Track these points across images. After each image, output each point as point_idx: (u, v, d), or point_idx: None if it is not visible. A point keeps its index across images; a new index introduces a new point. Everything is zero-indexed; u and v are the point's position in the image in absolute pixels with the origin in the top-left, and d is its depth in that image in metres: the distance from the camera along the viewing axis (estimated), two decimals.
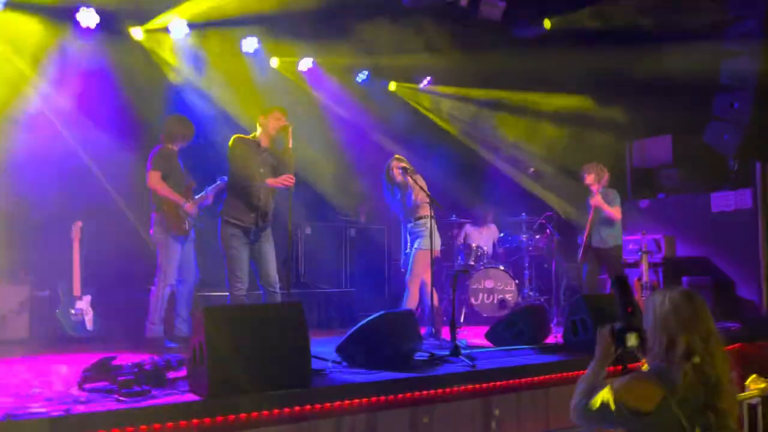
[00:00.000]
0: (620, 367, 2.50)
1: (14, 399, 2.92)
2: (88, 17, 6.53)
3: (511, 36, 8.09)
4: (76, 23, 6.52)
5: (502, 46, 7.86)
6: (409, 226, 5.50)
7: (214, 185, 5.20)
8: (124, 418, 2.65)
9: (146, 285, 6.56)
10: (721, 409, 2.14)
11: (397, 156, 5.59)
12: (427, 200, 5.11)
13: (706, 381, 2.14)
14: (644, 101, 7.95)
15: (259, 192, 4.66)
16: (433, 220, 5.15)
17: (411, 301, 5.33)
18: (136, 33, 6.94)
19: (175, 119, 5.31)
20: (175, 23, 6.96)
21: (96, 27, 6.60)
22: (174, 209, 5.00)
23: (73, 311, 5.49)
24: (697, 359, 2.15)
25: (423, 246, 5.26)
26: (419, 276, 5.30)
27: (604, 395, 2.24)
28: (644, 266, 6.83)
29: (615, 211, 6.36)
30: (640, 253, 6.90)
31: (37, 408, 2.65)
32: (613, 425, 2.31)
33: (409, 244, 5.51)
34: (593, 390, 2.40)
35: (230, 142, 4.75)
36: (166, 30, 7.04)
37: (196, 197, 5.21)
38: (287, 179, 4.58)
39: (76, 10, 6.49)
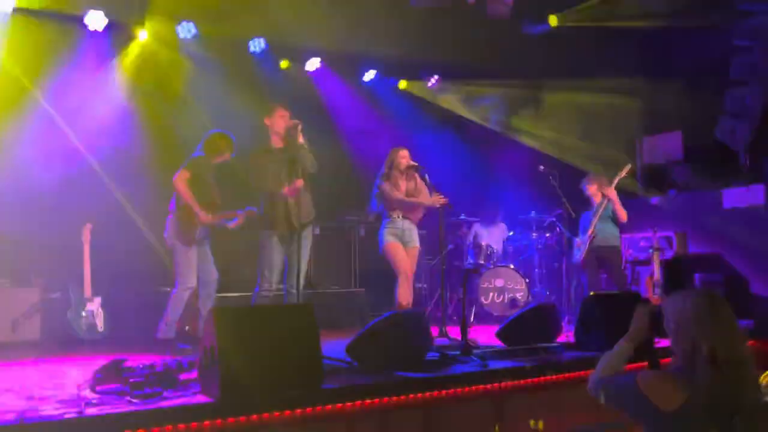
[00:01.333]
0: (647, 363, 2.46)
1: (27, 401, 2.92)
2: (96, 20, 6.56)
3: (520, 32, 8.07)
4: (84, 26, 6.56)
5: (511, 40, 7.83)
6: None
7: (243, 210, 5.11)
8: (136, 420, 2.65)
9: (157, 286, 6.61)
10: (749, 414, 2.06)
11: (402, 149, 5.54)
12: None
13: (732, 385, 2.08)
14: (655, 96, 7.90)
15: (286, 198, 4.68)
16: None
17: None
18: (142, 35, 6.97)
19: (219, 135, 5.21)
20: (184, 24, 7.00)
21: (104, 29, 6.65)
22: (188, 216, 4.95)
23: (84, 313, 5.51)
24: (721, 363, 2.10)
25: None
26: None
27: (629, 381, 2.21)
28: (656, 263, 6.79)
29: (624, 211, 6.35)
30: (651, 251, 6.86)
31: (49, 410, 2.65)
32: (628, 412, 2.28)
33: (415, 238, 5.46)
34: (615, 371, 2.37)
35: (249, 161, 4.84)
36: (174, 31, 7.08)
37: (224, 212, 5.14)
38: (296, 187, 4.63)
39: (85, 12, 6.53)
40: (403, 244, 5.35)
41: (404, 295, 5.30)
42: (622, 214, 6.32)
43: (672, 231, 7.52)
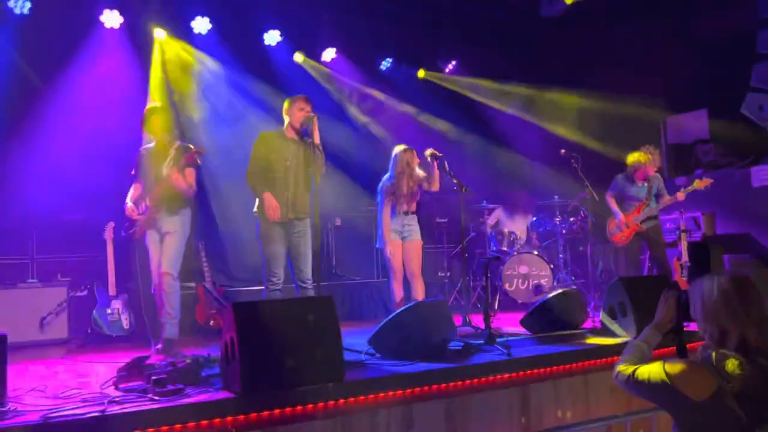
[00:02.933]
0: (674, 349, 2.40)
1: (51, 400, 2.94)
2: (111, 18, 6.61)
3: (539, 16, 7.93)
4: (100, 24, 6.61)
5: (529, 25, 7.71)
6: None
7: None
8: (159, 418, 2.66)
9: (181, 282, 6.66)
10: None
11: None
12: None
13: (764, 373, 2.00)
14: (679, 75, 7.71)
15: (287, 184, 4.61)
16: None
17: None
18: (159, 34, 6.99)
19: (146, 111, 4.80)
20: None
21: (120, 27, 6.69)
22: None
23: (109, 311, 5.57)
24: (751, 350, 2.01)
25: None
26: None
27: (655, 370, 2.13)
28: (683, 245, 6.64)
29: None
30: (678, 232, 6.71)
31: (73, 409, 2.66)
32: (657, 402, 2.21)
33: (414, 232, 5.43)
34: (642, 358, 2.30)
35: (255, 141, 4.73)
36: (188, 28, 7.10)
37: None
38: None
39: (100, 12, 6.58)
40: (401, 239, 5.34)
41: (399, 292, 5.34)
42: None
43: (699, 212, 7.35)
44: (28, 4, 6.22)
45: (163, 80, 6.93)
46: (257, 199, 4.67)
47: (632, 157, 6.40)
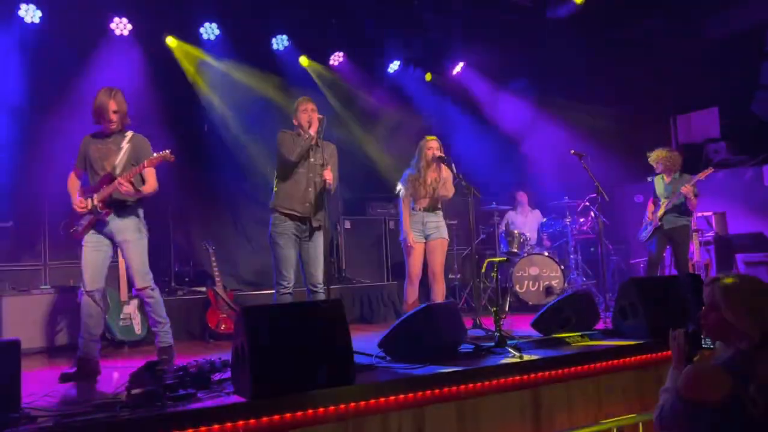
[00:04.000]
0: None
1: (64, 405, 2.97)
2: (121, 26, 6.70)
3: (544, 18, 7.92)
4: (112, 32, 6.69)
5: (534, 28, 7.70)
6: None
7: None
8: (171, 422, 2.66)
9: (192, 287, 6.70)
10: None
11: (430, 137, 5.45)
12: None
13: None
14: (688, 73, 7.67)
15: (308, 179, 4.59)
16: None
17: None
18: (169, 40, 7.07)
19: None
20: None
21: (129, 34, 6.76)
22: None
23: (121, 316, 5.60)
24: None
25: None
26: None
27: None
28: (695, 245, 6.60)
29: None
30: (690, 232, 6.66)
31: (85, 414, 2.67)
32: (684, 421, 2.20)
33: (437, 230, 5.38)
34: None
35: (278, 137, 4.64)
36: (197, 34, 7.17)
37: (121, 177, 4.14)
38: (327, 173, 4.47)
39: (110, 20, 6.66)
40: (425, 238, 5.30)
41: (411, 294, 5.28)
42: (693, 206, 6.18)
43: (711, 211, 7.30)
44: (39, 13, 6.29)
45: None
46: (275, 191, 4.63)
47: (654, 155, 6.35)
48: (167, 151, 4.16)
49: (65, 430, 2.52)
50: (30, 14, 6.27)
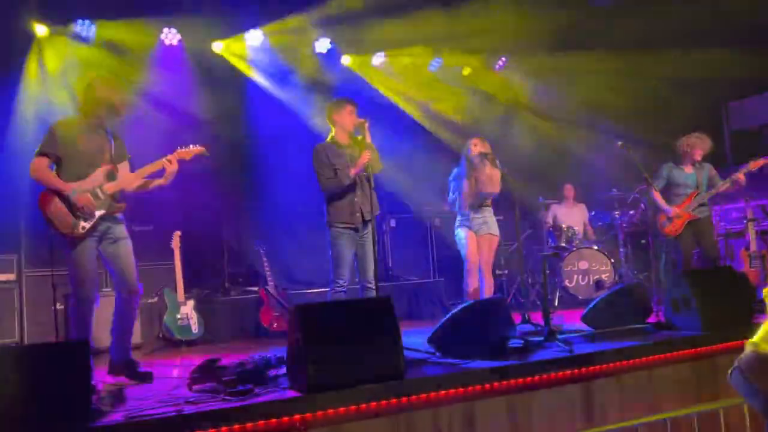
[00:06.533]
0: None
1: (130, 401, 3.13)
2: (171, 37, 6.95)
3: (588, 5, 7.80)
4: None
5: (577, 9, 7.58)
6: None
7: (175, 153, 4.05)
8: (231, 417, 2.78)
9: (244, 287, 6.90)
10: None
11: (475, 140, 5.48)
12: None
13: None
14: (740, 58, 7.43)
15: (355, 189, 4.69)
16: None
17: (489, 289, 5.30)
18: (217, 46, 7.28)
19: (94, 82, 3.97)
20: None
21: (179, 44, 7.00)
22: (63, 207, 3.73)
23: (179, 316, 5.81)
24: None
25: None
26: None
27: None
28: (751, 235, 6.43)
29: None
30: (745, 221, 6.49)
31: (151, 409, 2.82)
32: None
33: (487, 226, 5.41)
34: None
35: (313, 155, 4.72)
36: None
37: (139, 171, 3.98)
38: (365, 156, 4.50)
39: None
40: (475, 233, 5.34)
41: (471, 283, 5.31)
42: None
43: (766, 199, 7.09)
44: (94, 28, 6.57)
45: None
46: (328, 208, 4.71)
47: (678, 142, 6.16)
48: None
49: (136, 423, 2.66)
50: (85, 29, 6.56)
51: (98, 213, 3.76)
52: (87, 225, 3.72)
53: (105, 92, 3.88)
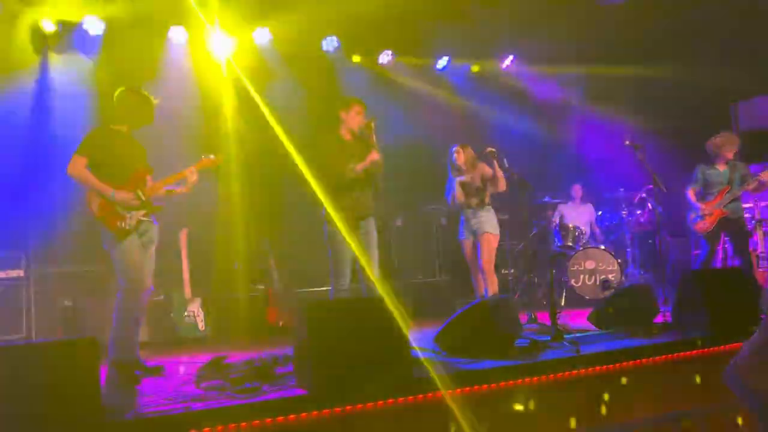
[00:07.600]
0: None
1: (140, 398, 3.15)
2: (178, 34, 6.99)
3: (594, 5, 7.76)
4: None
5: (585, 14, 7.55)
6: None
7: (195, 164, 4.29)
8: (239, 414, 2.80)
9: (252, 284, 6.91)
10: None
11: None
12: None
13: None
14: (747, 57, 7.40)
15: (357, 188, 4.68)
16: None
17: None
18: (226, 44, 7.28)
19: (124, 94, 4.19)
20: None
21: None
22: (108, 206, 3.96)
23: (185, 314, 5.83)
24: None
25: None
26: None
27: None
28: (759, 235, 6.39)
29: None
30: (753, 222, 6.46)
31: (160, 406, 2.84)
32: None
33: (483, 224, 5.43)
34: None
35: (316, 149, 4.72)
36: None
37: (163, 179, 4.22)
38: (372, 156, 4.51)
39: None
40: (473, 235, 5.38)
41: (476, 284, 5.41)
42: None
43: None
44: (102, 25, 6.59)
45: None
46: (329, 206, 4.70)
47: (710, 141, 6.14)
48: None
49: (145, 419, 2.68)
50: (94, 27, 6.57)
51: (139, 213, 4.01)
52: (132, 222, 3.97)
53: (135, 102, 4.12)
